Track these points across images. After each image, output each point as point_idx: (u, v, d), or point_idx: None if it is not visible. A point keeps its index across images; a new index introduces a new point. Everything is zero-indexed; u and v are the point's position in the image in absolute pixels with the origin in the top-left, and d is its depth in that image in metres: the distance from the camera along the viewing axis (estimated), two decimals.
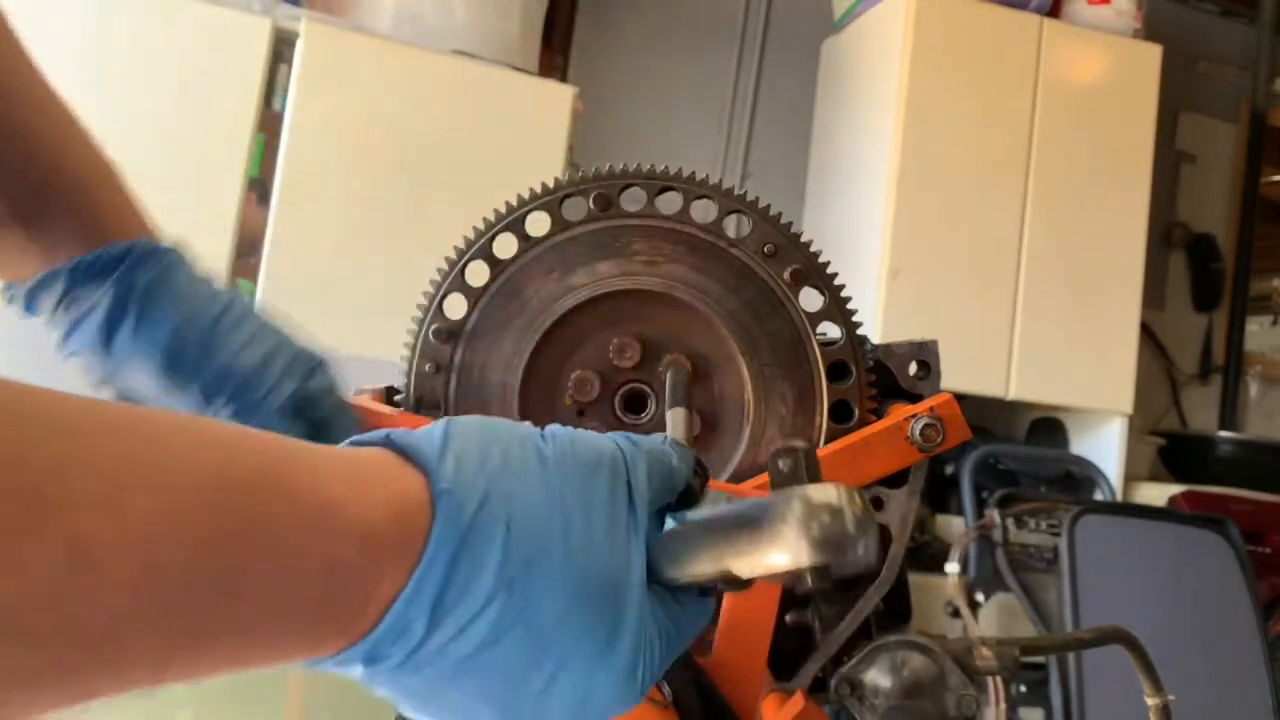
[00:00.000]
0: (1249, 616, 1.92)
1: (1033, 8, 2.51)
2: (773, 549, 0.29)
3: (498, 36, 2.07)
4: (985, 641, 0.62)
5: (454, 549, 0.29)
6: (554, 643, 0.30)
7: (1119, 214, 2.53)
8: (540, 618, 0.30)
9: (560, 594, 0.31)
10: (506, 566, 0.30)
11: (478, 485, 0.30)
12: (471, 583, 0.29)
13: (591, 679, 0.31)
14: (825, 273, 0.63)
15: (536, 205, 0.62)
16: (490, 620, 0.29)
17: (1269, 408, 3.36)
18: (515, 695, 0.31)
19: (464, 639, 0.29)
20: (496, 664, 0.30)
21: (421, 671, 0.30)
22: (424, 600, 0.29)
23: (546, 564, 0.31)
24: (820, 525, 0.28)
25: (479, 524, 0.30)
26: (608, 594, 0.32)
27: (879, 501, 0.62)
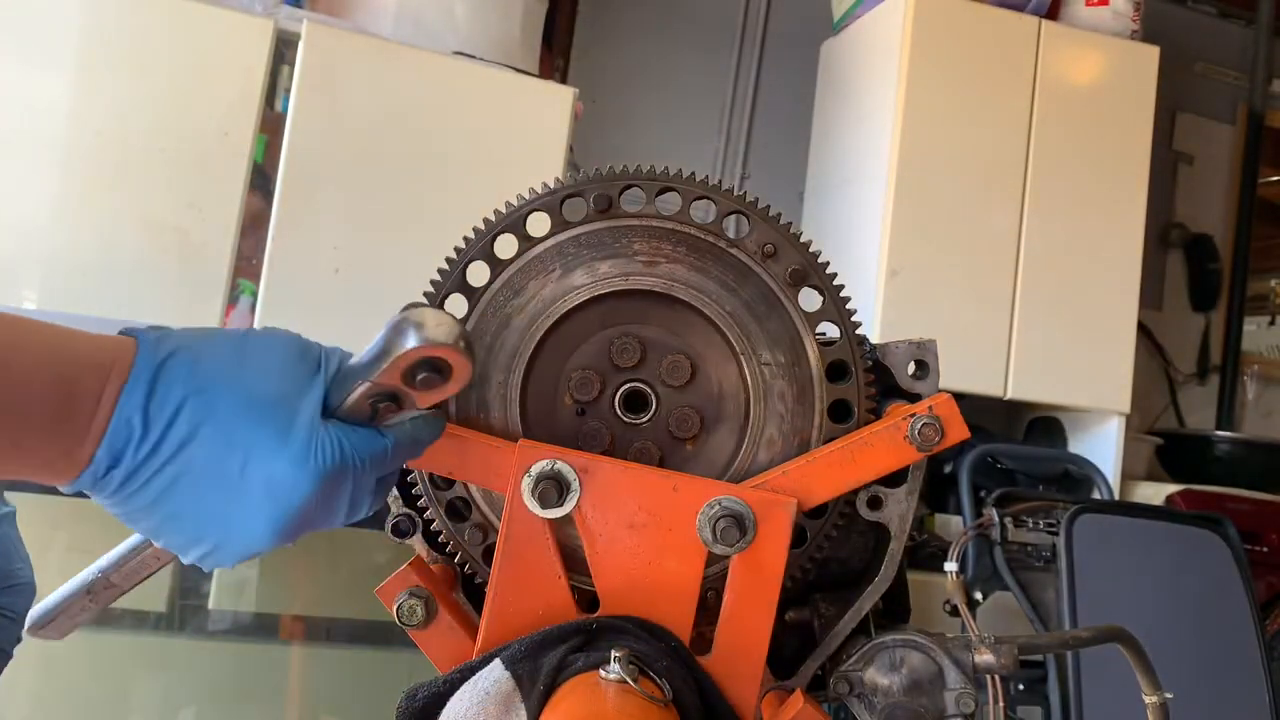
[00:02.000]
0: (1246, 615, 1.92)
1: (1031, 9, 2.51)
2: (397, 342, 0.41)
3: (498, 38, 2.08)
4: (983, 640, 0.63)
5: (153, 370, 0.41)
6: (236, 433, 0.41)
7: (1117, 214, 2.54)
8: (224, 415, 0.41)
9: (239, 400, 0.42)
10: (193, 380, 0.41)
11: (173, 338, 0.42)
12: (169, 390, 0.40)
13: (272, 464, 0.42)
14: (824, 273, 0.63)
15: (537, 205, 0.62)
16: (187, 419, 0.40)
17: (1266, 407, 3.37)
18: (221, 483, 0.41)
19: (170, 436, 0.40)
20: (199, 458, 0.41)
21: (147, 482, 0.40)
22: (135, 403, 0.40)
23: (227, 380, 0.42)
24: (424, 314, 0.41)
25: (172, 355, 0.42)
26: (279, 404, 0.42)
27: (878, 500, 0.62)
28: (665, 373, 0.63)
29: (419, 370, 0.42)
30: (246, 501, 0.41)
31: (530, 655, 0.55)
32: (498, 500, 0.62)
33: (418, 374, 0.42)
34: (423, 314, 0.42)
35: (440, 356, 0.42)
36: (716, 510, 0.57)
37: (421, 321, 0.41)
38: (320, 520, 0.44)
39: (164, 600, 1.91)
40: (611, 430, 0.63)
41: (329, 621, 2.01)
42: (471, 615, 0.63)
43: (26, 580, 0.81)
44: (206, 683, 1.91)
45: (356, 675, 1.98)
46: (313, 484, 0.42)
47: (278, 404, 0.42)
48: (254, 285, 1.87)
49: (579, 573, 0.60)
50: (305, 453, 0.42)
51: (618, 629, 0.57)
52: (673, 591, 0.58)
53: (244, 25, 1.87)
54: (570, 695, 0.52)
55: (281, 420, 0.42)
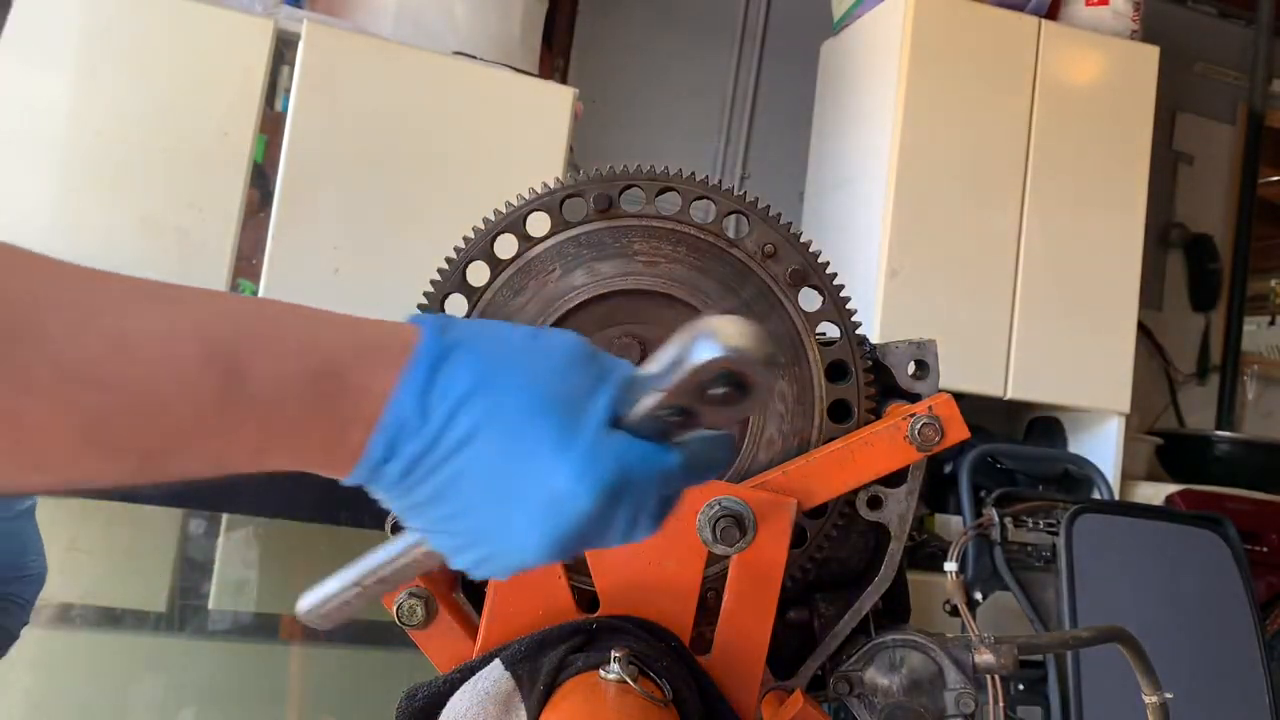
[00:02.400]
0: (1246, 615, 1.92)
1: (1031, 9, 2.51)
2: (695, 351, 0.38)
3: (498, 38, 2.08)
4: (983, 640, 0.63)
5: (435, 359, 0.38)
6: (521, 434, 0.38)
7: (1117, 214, 2.54)
8: (510, 414, 0.38)
9: (526, 399, 0.39)
10: (480, 374, 0.38)
11: (459, 327, 0.40)
12: (452, 382, 0.38)
13: (555, 470, 0.38)
14: (824, 273, 0.63)
15: (537, 205, 0.62)
16: (470, 414, 0.38)
17: (1266, 407, 3.37)
18: (501, 488, 0.38)
19: (451, 431, 0.37)
20: (482, 457, 0.38)
21: (426, 477, 0.38)
22: (412, 393, 0.37)
23: (515, 377, 0.39)
24: (724, 322, 0.38)
25: (457, 345, 0.39)
26: (567, 407, 0.39)
27: (878, 500, 0.62)
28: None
29: (717, 384, 0.38)
30: (524, 509, 0.38)
31: (530, 655, 0.55)
32: None
33: (715, 388, 0.38)
34: (725, 323, 0.38)
35: (742, 371, 0.38)
36: (716, 510, 0.57)
37: (724, 330, 0.38)
38: (596, 537, 0.40)
39: (164, 600, 1.91)
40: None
41: None
42: (471, 615, 0.63)
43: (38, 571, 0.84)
44: (206, 683, 1.91)
45: (356, 675, 1.98)
46: (593, 497, 0.38)
47: (566, 407, 0.39)
48: (254, 285, 1.87)
49: (579, 573, 0.60)
50: (589, 462, 0.39)
51: (618, 629, 0.57)
52: (673, 591, 0.58)
53: (244, 25, 1.87)
54: (570, 695, 0.52)
55: (568, 425, 0.39)
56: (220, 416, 0.34)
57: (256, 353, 0.36)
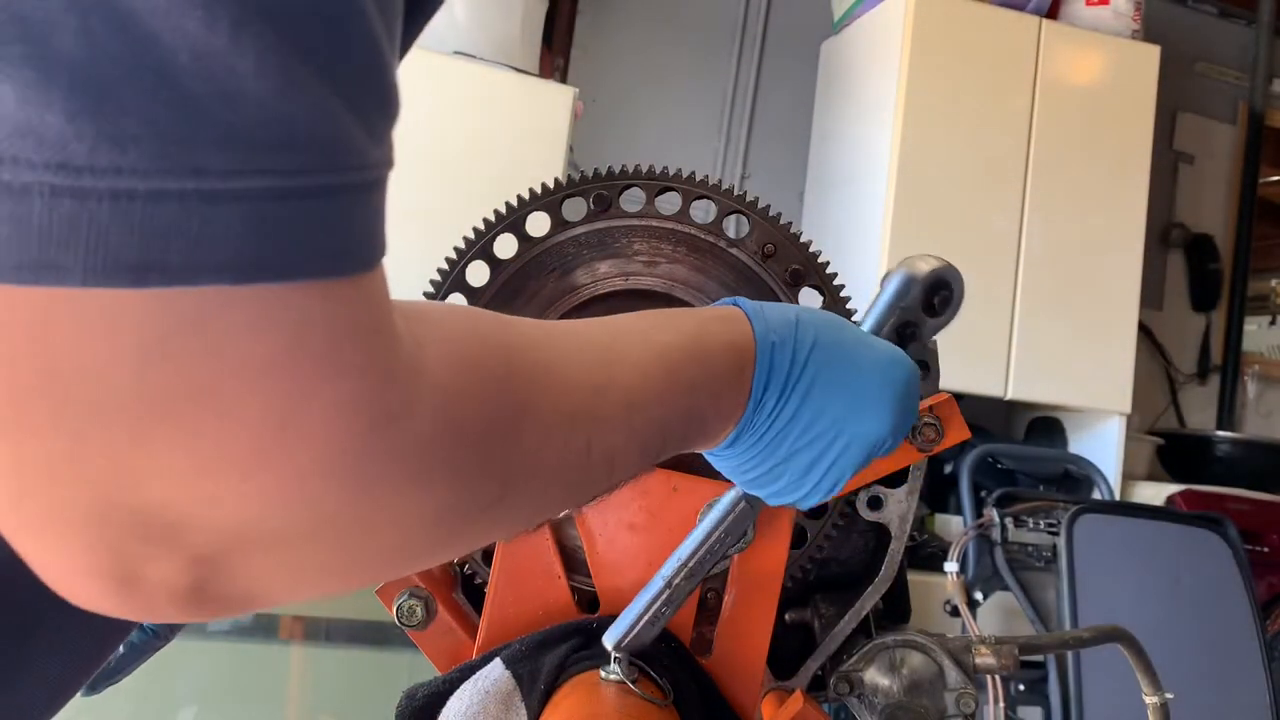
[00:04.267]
0: (1246, 615, 1.92)
1: (1031, 9, 2.51)
2: (913, 274, 0.53)
3: (498, 38, 2.08)
4: (984, 640, 0.63)
5: (755, 306, 0.46)
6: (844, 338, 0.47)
7: (1117, 214, 2.54)
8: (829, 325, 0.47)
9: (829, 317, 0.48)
10: (793, 309, 0.47)
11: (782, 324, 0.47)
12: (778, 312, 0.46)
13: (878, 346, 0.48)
14: (824, 273, 0.63)
15: (537, 205, 0.62)
16: (810, 328, 0.46)
17: (1267, 407, 3.37)
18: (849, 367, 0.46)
19: (802, 339, 0.45)
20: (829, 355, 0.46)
21: (792, 389, 0.45)
22: (760, 325, 0.45)
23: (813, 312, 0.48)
24: (922, 257, 0.54)
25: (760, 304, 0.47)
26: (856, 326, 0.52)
27: (878, 501, 0.62)
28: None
29: (937, 290, 0.52)
30: (868, 383, 0.46)
31: (530, 655, 0.55)
32: None
33: (936, 294, 0.51)
34: (917, 257, 0.53)
35: (949, 279, 0.52)
36: None
37: (923, 258, 0.53)
38: (909, 411, 0.48)
39: None
40: None
41: (329, 621, 2.01)
42: (471, 615, 0.63)
43: None
44: (206, 683, 1.91)
45: (356, 675, 1.98)
46: (908, 366, 0.48)
47: (846, 322, 0.49)
48: None
49: (579, 573, 0.60)
50: (890, 344, 0.49)
51: None
52: None
53: None
54: (571, 695, 0.52)
55: (857, 329, 0.50)
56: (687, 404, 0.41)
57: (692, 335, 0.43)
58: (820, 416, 0.45)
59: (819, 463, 0.46)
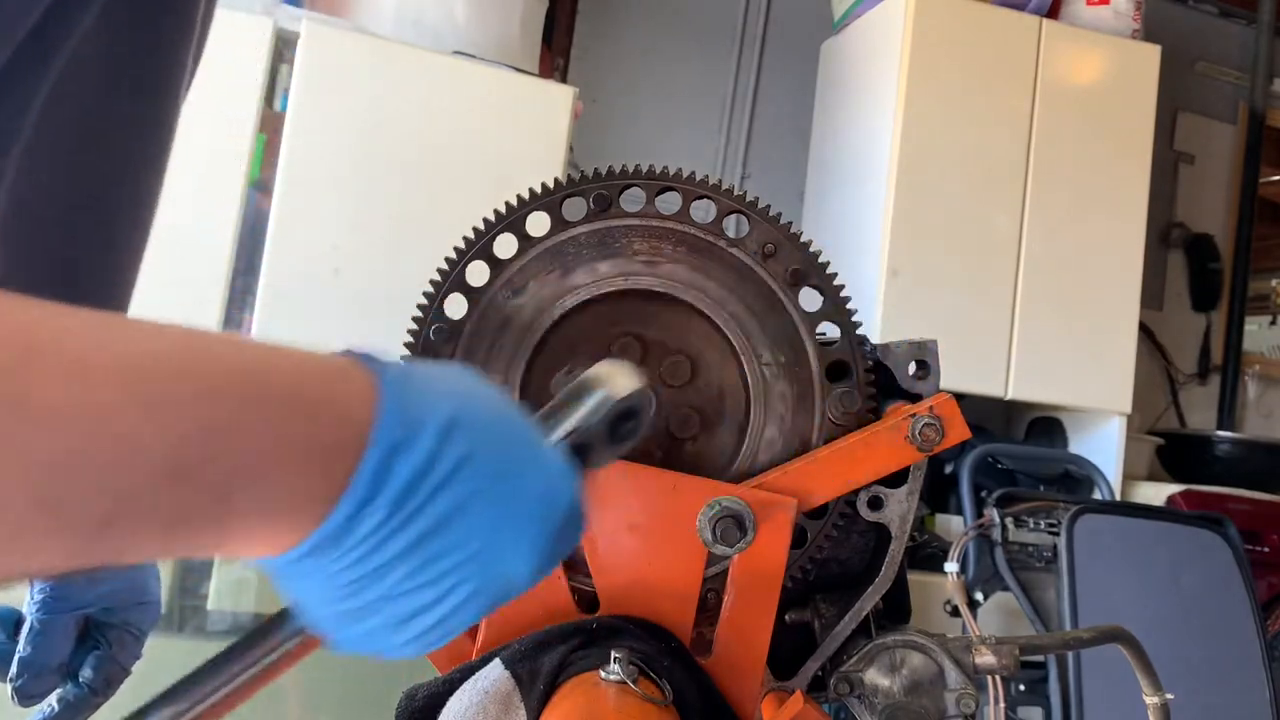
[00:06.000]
0: (1247, 615, 1.92)
1: (1031, 9, 2.51)
2: (600, 394, 0.41)
3: (498, 37, 2.07)
4: (984, 640, 0.63)
5: (402, 377, 0.35)
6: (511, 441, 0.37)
7: (1118, 214, 2.53)
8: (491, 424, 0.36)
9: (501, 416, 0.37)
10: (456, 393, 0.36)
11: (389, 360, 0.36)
12: (429, 399, 0.34)
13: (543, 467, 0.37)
14: (824, 272, 0.63)
15: (537, 205, 0.62)
16: (468, 432, 0.34)
17: (1267, 407, 3.36)
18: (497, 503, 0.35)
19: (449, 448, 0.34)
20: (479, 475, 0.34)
21: (421, 510, 0.33)
22: (395, 409, 0.33)
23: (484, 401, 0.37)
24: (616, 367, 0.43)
25: (407, 371, 0.35)
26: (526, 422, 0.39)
27: (878, 501, 0.62)
28: (665, 373, 0.63)
29: (628, 418, 0.42)
30: (519, 520, 0.35)
31: (530, 655, 0.55)
32: None
33: (626, 422, 0.42)
34: (617, 371, 0.43)
35: (640, 406, 0.43)
36: (716, 510, 0.57)
37: (624, 374, 0.43)
38: (564, 549, 0.38)
39: (164, 600, 1.91)
40: None
41: None
42: None
43: (155, 599, 0.75)
44: None
45: (356, 675, 1.98)
46: (576, 490, 0.38)
47: (526, 421, 0.39)
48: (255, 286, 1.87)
49: (579, 573, 0.60)
50: (563, 461, 0.39)
51: (618, 629, 0.57)
52: (673, 591, 0.58)
53: (243, 25, 1.87)
54: (570, 695, 0.52)
55: (535, 434, 0.39)
56: (184, 455, 0.28)
57: (220, 374, 0.30)
58: (445, 555, 0.34)
59: (426, 613, 0.35)
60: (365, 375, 0.34)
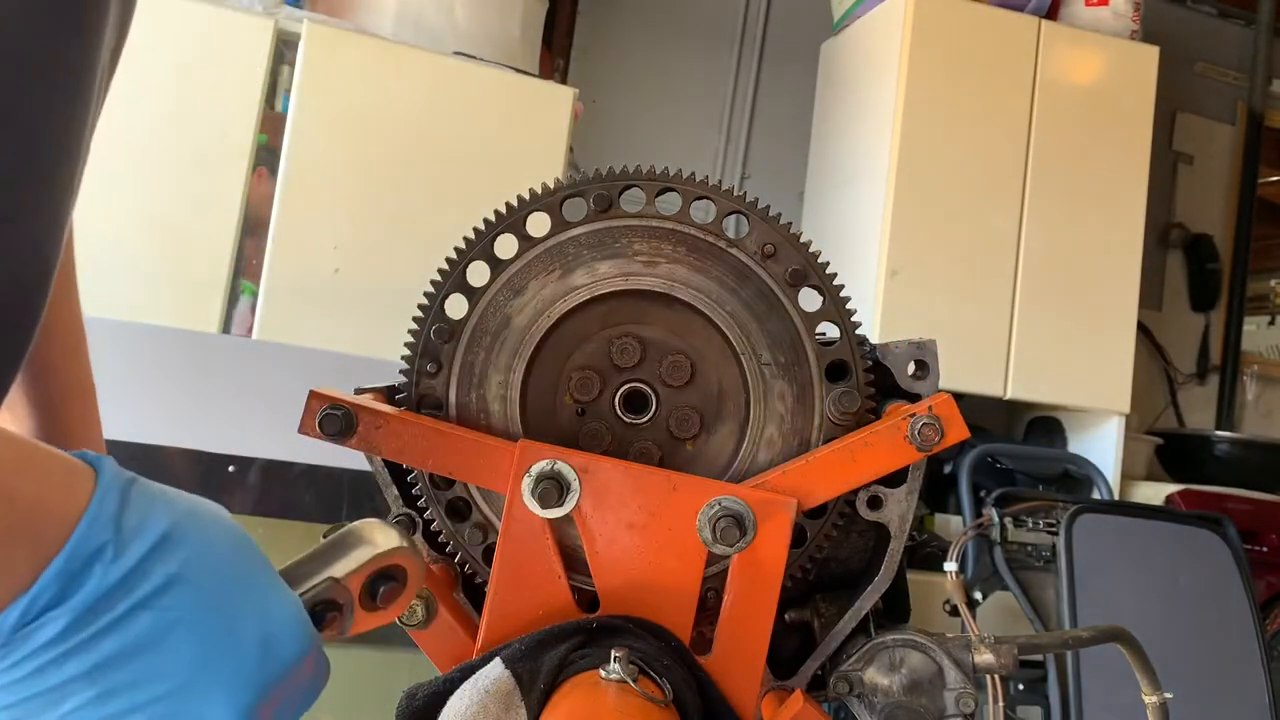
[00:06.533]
0: (1246, 615, 1.92)
1: (1030, 9, 2.51)
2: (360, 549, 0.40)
3: (498, 38, 2.08)
4: (983, 640, 0.63)
5: (126, 483, 0.31)
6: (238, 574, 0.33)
7: (1116, 214, 2.54)
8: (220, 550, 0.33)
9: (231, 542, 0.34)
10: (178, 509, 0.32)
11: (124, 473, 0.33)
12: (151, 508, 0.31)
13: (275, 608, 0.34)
14: (824, 273, 0.63)
15: (537, 206, 0.62)
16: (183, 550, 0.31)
17: (1266, 407, 3.37)
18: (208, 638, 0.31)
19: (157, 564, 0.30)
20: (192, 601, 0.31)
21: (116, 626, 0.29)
22: (108, 511, 0.30)
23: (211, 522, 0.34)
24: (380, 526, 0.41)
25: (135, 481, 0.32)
26: (263, 559, 0.35)
27: (878, 500, 0.62)
28: (665, 373, 0.63)
29: (387, 579, 0.41)
30: (230, 660, 0.31)
31: (530, 654, 0.55)
32: (498, 500, 0.62)
33: (385, 584, 0.41)
34: (376, 527, 0.41)
35: (405, 565, 0.41)
36: (716, 510, 0.57)
37: (382, 531, 0.41)
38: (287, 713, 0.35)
39: None
40: (611, 430, 0.63)
41: None
42: (471, 615, 0.63)
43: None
44: None
45: (356, 675, 1.98)
46: (309, 642, 0.34)
47: (262, 558, 0.35)
48: (254, 285, 1.87)
49: (579, 573, 0.60)
50: (301, 607, 0.35)
51: (618, 629, 0.57)
52: (673, 591, 0.58)
53: (244, 25, 1.87)
54: (570, 694, 0.52)
55: (269, 574, 0.35)
56: None
57: None
58: (133, 689, 0.29)
59: None
60: (87, 474, 0.31)
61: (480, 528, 0.63)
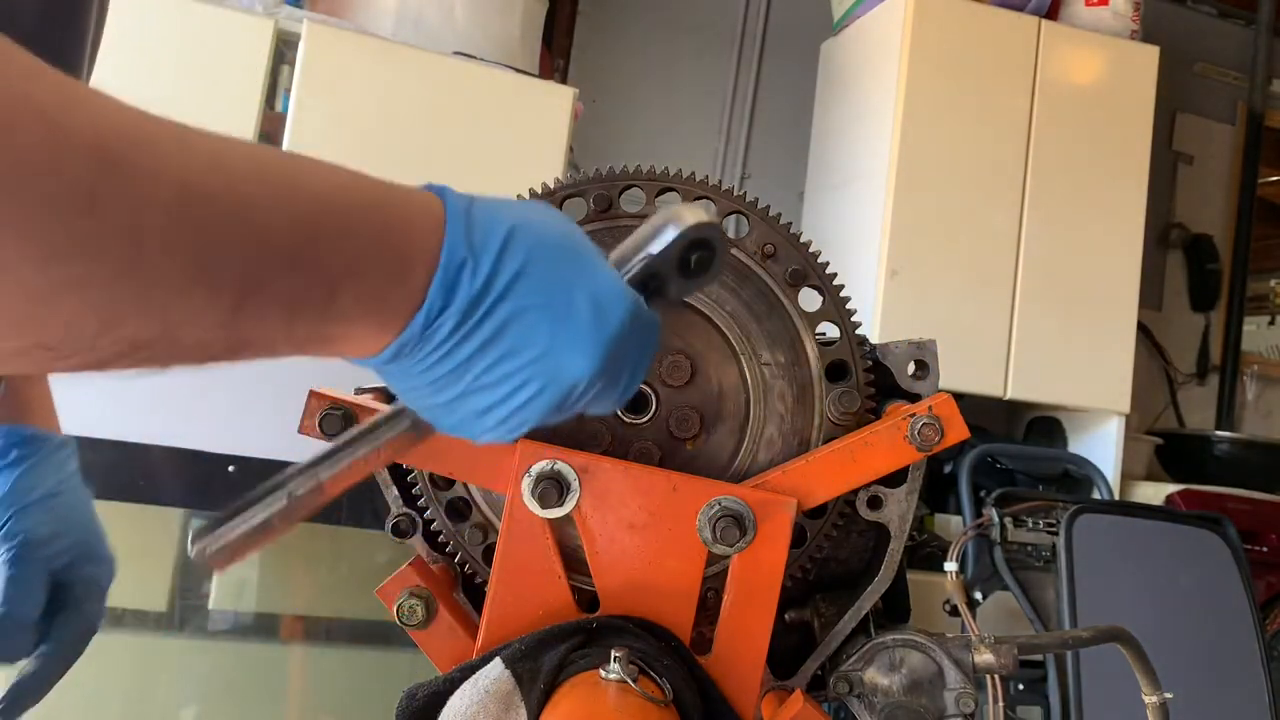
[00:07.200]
0: (1245, 615, 1.92)
1: (1030, 9, 2.51)
2: (673, 224, 0.44)
3: (498, 38, 2.08)
4: (983, 640, 0.63)
5: (467, 203, 0.40)
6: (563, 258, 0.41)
7: (1116, 214, 2.54)
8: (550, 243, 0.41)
9: (558, 231, 0.42)
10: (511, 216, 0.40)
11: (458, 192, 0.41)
12: (492, 223, 0.40)
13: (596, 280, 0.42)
14: (824, 273, 0.63)
15: None
16: (519, 249, 0.39)
17: (1266, 407, 3.37)
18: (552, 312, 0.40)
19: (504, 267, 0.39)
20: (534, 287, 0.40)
21: (481, 321, 0.39)
22: (459, 228, 0.39)
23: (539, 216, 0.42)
24: (691, 207, 0.45)
25: (474, 200, 0.41)
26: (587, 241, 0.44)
27: (878, 500, 0.62)
28: (665, 373, 0.63)
29: (696, 248, 0.44)
30: (574, 326, 0.40)
31: (530, 654, 0.55)
32: (498, 500, 0.62)
33: (695, 252, 0.44)
34: (691, 207, 0.46)
35: (711, 236, 0.45)
36: (716, 510, 0.57)
37: (691, 209, 0.45)
38: (625, 363, 0.43)
39: (164, 600, 1.91)
40: (611, 430, 0.63)
41: (329, 621, 2.01)
42: (471, 615, 0.63)
43: (107, 555, 0.73)
44: (206, 683, 1.91)
45: (356, 675, 1.98)
46: (628, 304, 0.42)
47: (588, 244, 0.43)
48: None
49: (579, 573, 0.60)
50: (619, 279, 0.43)
51: (618, 628, 0.57)
52: (673, 591, 0.59)
53: (244, 25, 1.87)
54: (570, 694, 0.52)
55: (594, 251, 0.43)
56: (303, 238, 0.34)
57: (320, 175, 0.36)
58: (511, 357, 0.39)
59: (499, 407, 0.41)
60: (435, 202, 0.39)
61: (480, 528, 0.63)
